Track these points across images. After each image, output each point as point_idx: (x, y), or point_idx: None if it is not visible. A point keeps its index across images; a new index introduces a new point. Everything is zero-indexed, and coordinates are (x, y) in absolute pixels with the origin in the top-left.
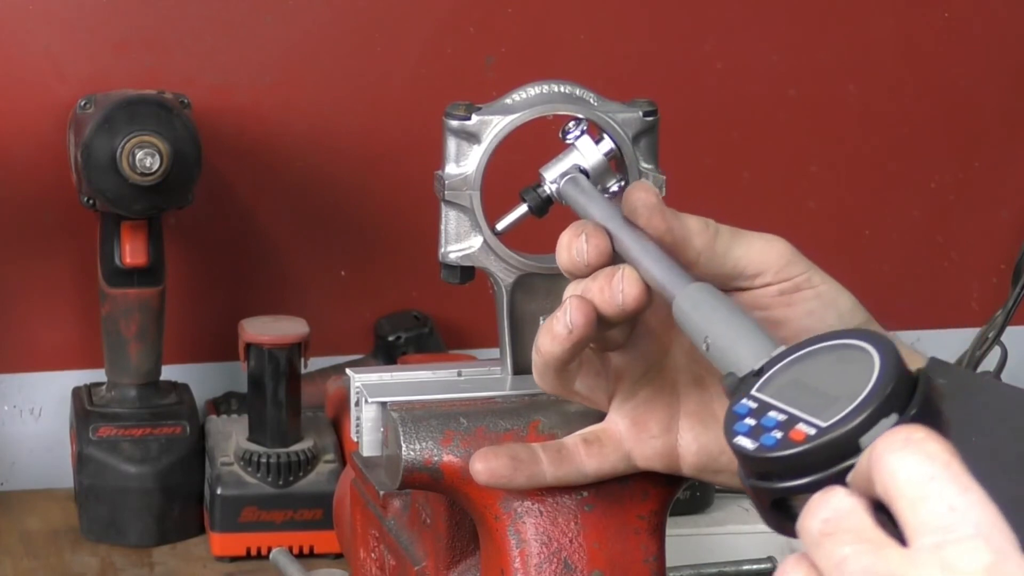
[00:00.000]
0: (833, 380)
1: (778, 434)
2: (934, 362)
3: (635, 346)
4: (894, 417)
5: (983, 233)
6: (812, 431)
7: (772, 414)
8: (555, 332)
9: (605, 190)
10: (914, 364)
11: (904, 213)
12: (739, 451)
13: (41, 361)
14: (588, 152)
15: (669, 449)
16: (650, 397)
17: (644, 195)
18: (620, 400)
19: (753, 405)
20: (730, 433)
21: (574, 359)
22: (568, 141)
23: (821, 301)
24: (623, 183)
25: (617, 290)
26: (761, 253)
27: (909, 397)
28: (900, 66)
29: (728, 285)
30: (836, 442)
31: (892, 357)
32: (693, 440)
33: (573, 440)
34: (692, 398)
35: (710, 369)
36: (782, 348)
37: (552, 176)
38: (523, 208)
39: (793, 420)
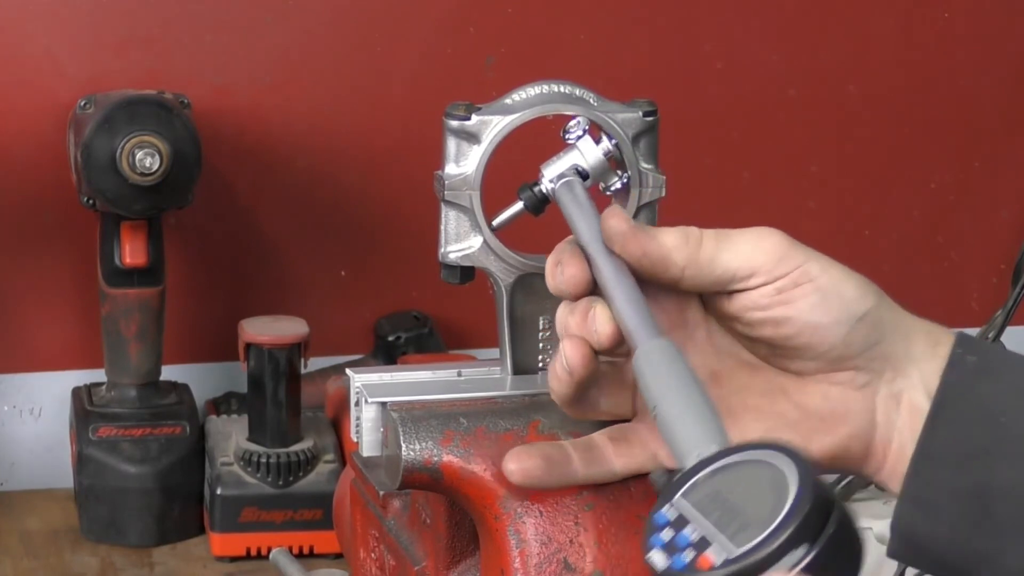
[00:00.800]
0: (752, 499)
1: (689, 556)
2: (962, 337)
3: None
4: (803, 548)
5: (983, 233)
6: (720, 559)
7: (688, 530)
8: (558, 375)
9: (607, 187)
10: (941, 340)
11: (904, 213)
12: (651, 566)
13: (41, 361)
14: (588, 152)
15: None
16: None
17: (615, 222)
18: (643, 405)
19: (672, 516)
20: (646, 545)
21: (586, 390)
22: (569, 140)
23: (822, 294)
24: (626, 180)
25: (592, 329)
26: (751, 253)
27: (824, 522)
28: (900, 66)
29: (722, 291)
30: (742, 574)
31: (808, 482)
32: None
33: (601, 438)
34: (715, 395)
35: (726, 365)
36: (715, 449)
37: (551, 175)
38: (519, 205)
39: (705, 542)
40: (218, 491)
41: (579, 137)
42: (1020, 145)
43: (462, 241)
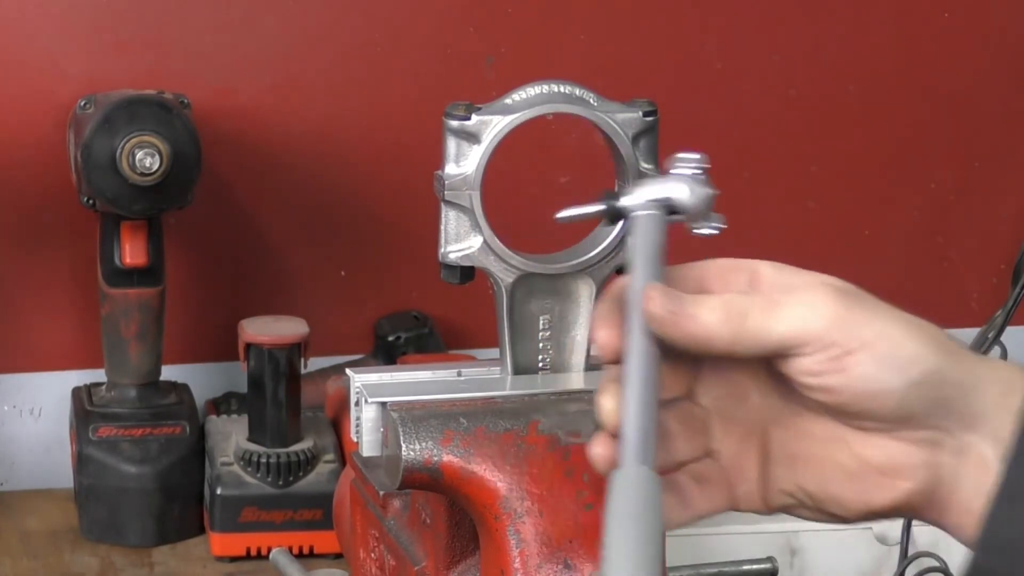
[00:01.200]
0: None
1: None
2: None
3: (709, 393)
4: None
5: (983, 233)
6: None
7: None
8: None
9: (695, 229)
10: (1016, 387)
11: (904, 213)
12: None
13: (41, 361)
14: (696, 192)
15: (764, 491)
16: (740, 441)
17: (652, 308)
18: (713, 447)
19: None
20: None
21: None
22: (677, 172)
23: (877, 362)
24: (720, 228)
25: (598, 415)
26: (803, 320)
27: None
28: (900, 66)
29: (772, 359)
30: None
31: None
32: (786, 480)
33: (685, 479)
34: (776, 439)
35: (788, 409)
36: None
37: (643, 196)
38: (597, 208)
39: None
40: (218, 491)
41: (689, 174)
42: (1020, 145)
43: (462, 241)
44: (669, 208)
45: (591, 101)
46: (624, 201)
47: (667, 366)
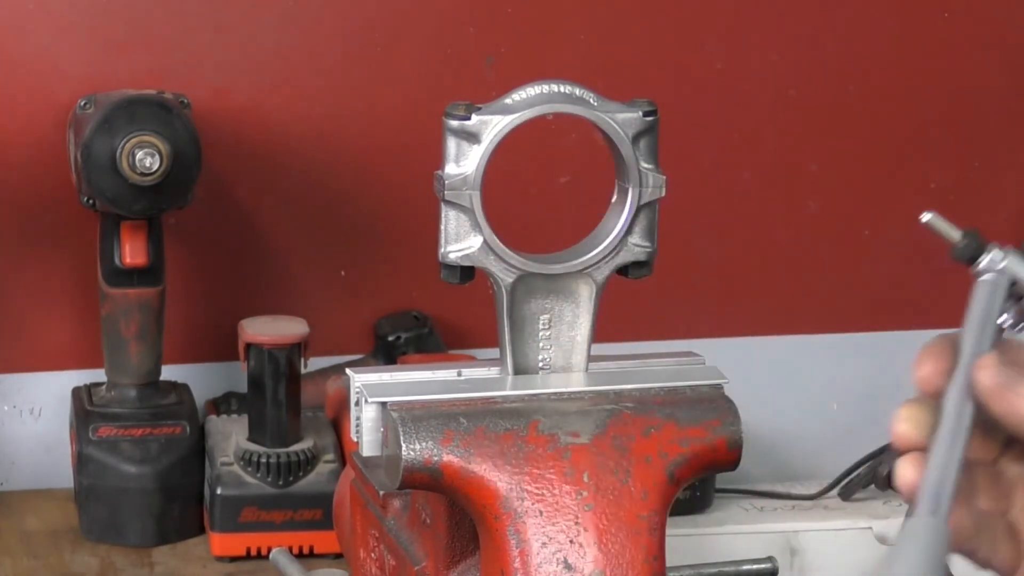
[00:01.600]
0: None
1: None
2: None
3: (1018, 466)
4: None
5: (983, 233)
6: None
7: None
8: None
9: (1003, 318)
10: None
11: (904, 213)
12: None
13: (41, 361)
14: None
15: None
16: None
17: (983, 376)
18: (1013, 514)
19: None
20: None
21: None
22: None
23: None
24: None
25: (892, 424)
26: None
27: None
28: (900, 66)
29: None
30: None
31: None
32: None
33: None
34: None
35: None
36: None
37: (996, 260)
38: (955, 235)
39: None
40: (218, 491)
41: None
42: (1020, 145)
43: (462, 241)
44: (1019, 292)
45: (591, 101)
46: (988, 255)
47: (982, 430)
